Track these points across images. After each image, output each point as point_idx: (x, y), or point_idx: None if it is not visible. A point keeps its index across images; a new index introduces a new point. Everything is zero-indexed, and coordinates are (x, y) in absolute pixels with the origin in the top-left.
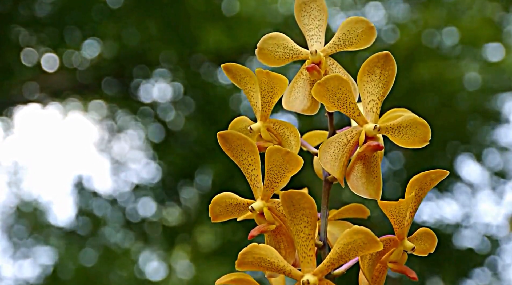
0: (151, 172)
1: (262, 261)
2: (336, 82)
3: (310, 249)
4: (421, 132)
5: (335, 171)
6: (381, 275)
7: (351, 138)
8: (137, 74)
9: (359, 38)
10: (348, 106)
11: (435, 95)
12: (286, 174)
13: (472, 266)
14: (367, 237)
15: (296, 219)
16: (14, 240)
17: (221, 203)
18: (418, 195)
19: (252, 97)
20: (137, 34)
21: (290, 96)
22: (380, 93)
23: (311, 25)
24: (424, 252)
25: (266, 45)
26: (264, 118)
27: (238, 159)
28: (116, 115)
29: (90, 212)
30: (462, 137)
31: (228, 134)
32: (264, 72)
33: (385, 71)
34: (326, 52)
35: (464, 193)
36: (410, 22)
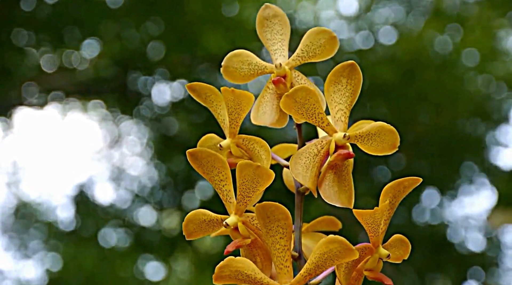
0: (150, 176)
1: (239, 274)
2: (303, 93)
3: (287, 260)
4: (390, 139)
5: (307, 181)
6: (357, 283)
7: (322, 148)
8: (136, 75)
9: (322, 49)
10: (316, 117)
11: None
12: (258, 188)
13: (472, 266)
14: (343, 246)
15: (271, 231)
16: (14, 240)
17: (195, 219)
18: (392, 203)
19: (219, 115)
20: (137, 35)
21: (258, 111)
22: (347, 102)
23: (274, 40)
24: (398, 258)
25: (231, 63)
26: (233, 135)
27: (209, 176)
28: (116, 116)
29: (90, 213)
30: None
31: (197, 151)
32: (230, 90)
33: (351, 80)
34: (291, 65)
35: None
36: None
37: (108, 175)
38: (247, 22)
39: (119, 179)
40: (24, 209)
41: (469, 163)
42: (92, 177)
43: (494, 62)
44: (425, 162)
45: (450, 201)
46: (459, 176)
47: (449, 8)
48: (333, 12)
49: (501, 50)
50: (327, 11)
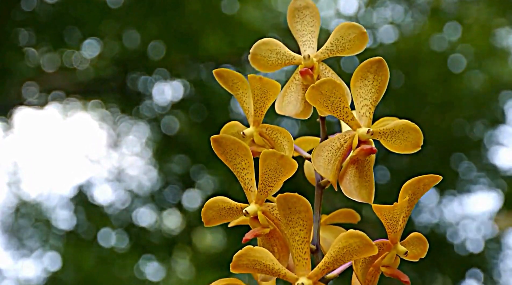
0: (150, 175)
1: (256, 263)
2: (330, 86)
3: (305, 252)
4: (413, 138)
5: (329, 174)
6: (374, 279)
7: (344, 142)
8: (137, 75)
9: (352, 43)
10: (341, 110)
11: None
12: (280, 178)
13: (471, 267)
14: (362, 241)
15: (291, 222)
16: (14, 240)
17: (214, 207)
18: (411, 200)
19: (244, 103)
20: (137, 35)
21: (283, 101)
22: (373, 98)
23: (304, 31)
24: (416, 257)
25: (259, 50)
26: (257, 124)
27: (231, 163)
28: (116, 116)
29: (89, 213)
30: (463, 137)
31: (221, 138)
32: (257, 78)
33: (378, 76)
34: (319, 57)
35: (464, 194)
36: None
37: (108, 175)
38: (247, 22)
39: (119, 179)
40: (24, 209)
41: (468, 162)
42: (92, 176)
43: (493, 61)
44: (425, 161)
45: (450, 201)
46: (459, 175)
47: (448, 7)
48: (333, 11)
49: (500, 49)
50: (327, 11)
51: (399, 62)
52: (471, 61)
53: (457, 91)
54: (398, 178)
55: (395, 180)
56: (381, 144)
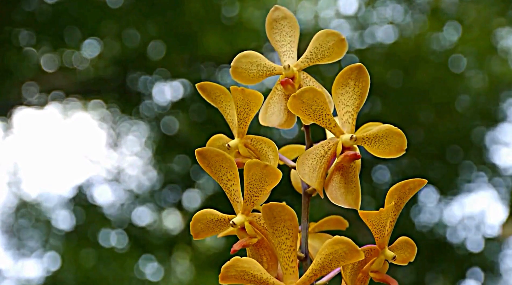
0: (150, 175)
1: (245, 274)
2: (311, 94)
3: (292, 260)
4: (397, 142)
5: (314, 182)
6: (363, 284)
7: (328, 149)
8: (137, 75)
9: (331, 51)
10: (324, 118)
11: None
12: (265, 187)
13: (471, 266)
14: (348, 247)
15: (277, 231)
16: (14, 240)
17: (202, 219)
18: (398, 204)
19: (228, 115)
20: (137, 35)
21: (267, 112)
22: (355, 104)
23: (283, 42)
24: (404, 261)
25: (240, 63)
26: (242, 135)
27: (217, 175)
28: (116, 116)
29: (89, 213)
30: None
31: (206, 151)
32: (239, 90)
33: (359, 83)
34: (299, 66)
35: (464, 194)
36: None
37: (108, 175)
38: (247, 22)
39: (119, 179)
40: (24, 209)
41: (468, 162)
42: (92, 176)
43: (493, 61)
44: (425, 161)
45: (450, 201)
46: (459, 175)
47: (448, 7)
48: (333, 11)
49: (500, 49)
50: (327, 11)
51: (399, 62)
52: (471, 61)
53: (457, 91)
54: (398, 178)
55: (396, 180)
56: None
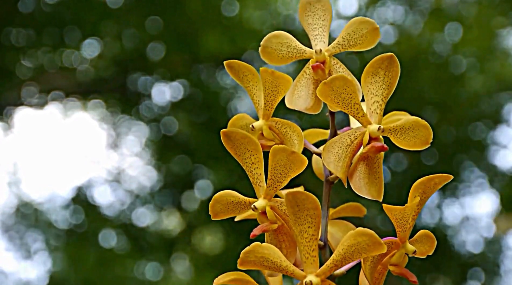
0: (150, 176)
1: (264, 260)
2: (341, 83)
3: (314, 249)
4: (423, 135)
5: (339, 171)
6: (381, 277)
7: (355, 139)
8: (136, 75)
9: (364, 39)
10: (352, 107)
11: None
12: (289, 174)
13: (472, 267)
14: (371, 239)
15: (300, 220)
16: (15, 240)
17: (222, 200)
18: (422, 199)
19: (254, 95)
20: (137, 35)
21: (293, 95)
22: (383, 94)
23: (316, 25)
24: (423, 254)
25: (270, 43)
26: (267, 117)
27: (241, 157)
28: (116, 116)
29: (90, 213)
30: (462, 138)
31: (231, 132)
32: (269, 71)
33: (389, 72)
34: (331, 51)
35: (465, 195)
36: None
37: (108, 175)
38: (247, 22)
39: (119, 179)
40: (25, 209)
41: (469, 163)
42: (92, 177)
43: (494, 61)
44: (425, 162)
45: (450, 201)
46: (459, 176)
47: (449, 8)
48: (334, 12)
49: (501, 49)
50: None
51: (399, 63)
52: (472, 61)
53: (457, 92)
54: (398, 178)
55: (395, 180)
56: (389, 140)
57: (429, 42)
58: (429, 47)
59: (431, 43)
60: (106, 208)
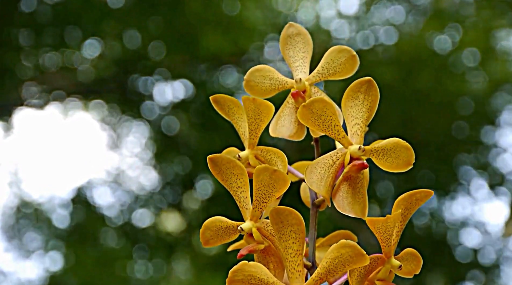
0: (150, 176)
1: (252, 278)
2: (320, 105)
3: (299, 264)
4: (405, 156)
5: (322, 190)
6: None
7: (337, 159)
8: (137, 75)
9: (342, 67)
10: (333, 129)
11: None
12: (273, 194)
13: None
14: (354, 251)
15: (284, 235)
16: (15, 240)
17: (212, 227)
18: (404, 214)
19: (240, 127)
20: (137, 35)
21: (277, 124)
22: (364, 117)
23: (296, 57)
24: (410, 273)
25: (252, 77)
26: (252, 146)
27: (227, 182)
28: (116, 116)
29: (90, 213)
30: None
31: (217, 157)
32: (250, 99)
33: (368, 96)
34: (311, 81)
35: (465, 195)
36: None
37: (108, 176)
38: (248, 22)
39: (119, 180)
40: (25, 209)
41: (469, 163)
42: (92, 177)
43: (493, 62)
44: (425, 162)
45: (450, 202)
46: (459, 176)
47: (448, 8)
48: (334, 12)
49: (500, 50)
50: (328, 11)
51: (399, 63)
52: (471, 62)
53: (457, 92)
54: (398, 179)
55: (395, 182)
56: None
57: (429, 42)
58: (429, 47)
59: (431, 43)
60: (106, 208)
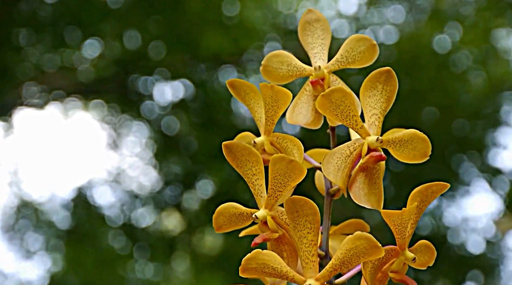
0: (150, 176)
1: (265, 266)
2: (339, 95)
3: (313, 255)
4: (422, 147)
5: (338, 180)
6: (382, 284)
7: (354, 150)
8: (137, 75)
9: (362, 55)
10: (351, 119)
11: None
12: (289, 183)
13: (470, 268)
14: (369, 243)
15: (299, 225)
16: (15, 241)
17: (225, 213)
18: (419, 207)
19: (256, 113)
20: (137, 35)
21: (294, 111)
22: (382, 107)
23: (315, 44)
24: (423, 265)
25: (270, 62)
26: (268, 133)
27: (242, 169)
28: (116, 116)
29: (90, 213)
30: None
31: (232, 144)
32: (269, 86)
33: (387, 86)
34: (329, 68)
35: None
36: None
37: (108, 176)
38: (248, 22)
39: (119, 180)
40: (25, 209)
41: (469, 163)
42: (92, 177)
43: (494, 61)
44: (424, 162)
45: (450, 202)
46: (459, 177)
47: (448, 8)
48: (334, 12)
49: (500, 50)
50: (328, 11)
51: (399, 63)
52: (471, 61)
53: (457, 92)
54: (398, 179)
55: (395, 181)
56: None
57: (429, 42)
58: (429, 47)
59: (431, 43)
60: (106, 208)
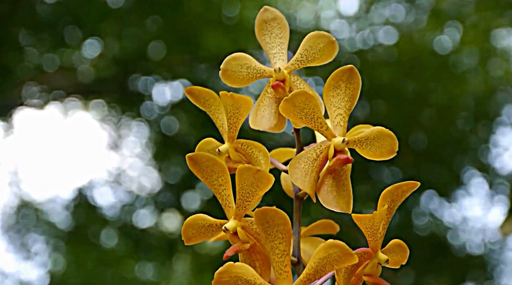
0: (150, 176)
1: (238, 279)
2: (303, 98)
3: (286, 265)
4: (388, 144)
5: (306, 186)
6: None
7: (320, 153)
8: (137, 75)
9: (321, 53)
10: (315, 121)
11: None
12: (257, 192)
13: (469, 269)
14: (342, 251)
15: (270, 236)
16: (15, 241)
17: (194, 225)
18: (390, 207)
19: (218, 119)
20: (137, 35)
21: (257, 115)
22: (346, 107)
23: (273, 43)
24: (397, 264)
25: (229, 66)
26: (232, 140)
27: (208, 180)
28: (116, 116)
29: (90, 214)
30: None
31: (197, 156)
32: (228, 95)
33: (350, 85)
34: (290, 69)
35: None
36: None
37: (109, 176)
38: (248, 22)
39: (119, 180)
40: (26, 209)
41: (469, 164)
42: (92, 177)
43: (494, 61)
44: (424, 162)
45: (450, 202)
46: (459, 177)
47: (449, 8)
48: (334, 12)
49: (500, 50)
50: (327, 11)
51: (399, 63)
52: (471, 61)
53: (457, 92)
54: (398, 181)
55: (398, 180)
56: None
57: (430, 42)
58: (429, 47)
59: (431, 43)
60: (106, 209)
